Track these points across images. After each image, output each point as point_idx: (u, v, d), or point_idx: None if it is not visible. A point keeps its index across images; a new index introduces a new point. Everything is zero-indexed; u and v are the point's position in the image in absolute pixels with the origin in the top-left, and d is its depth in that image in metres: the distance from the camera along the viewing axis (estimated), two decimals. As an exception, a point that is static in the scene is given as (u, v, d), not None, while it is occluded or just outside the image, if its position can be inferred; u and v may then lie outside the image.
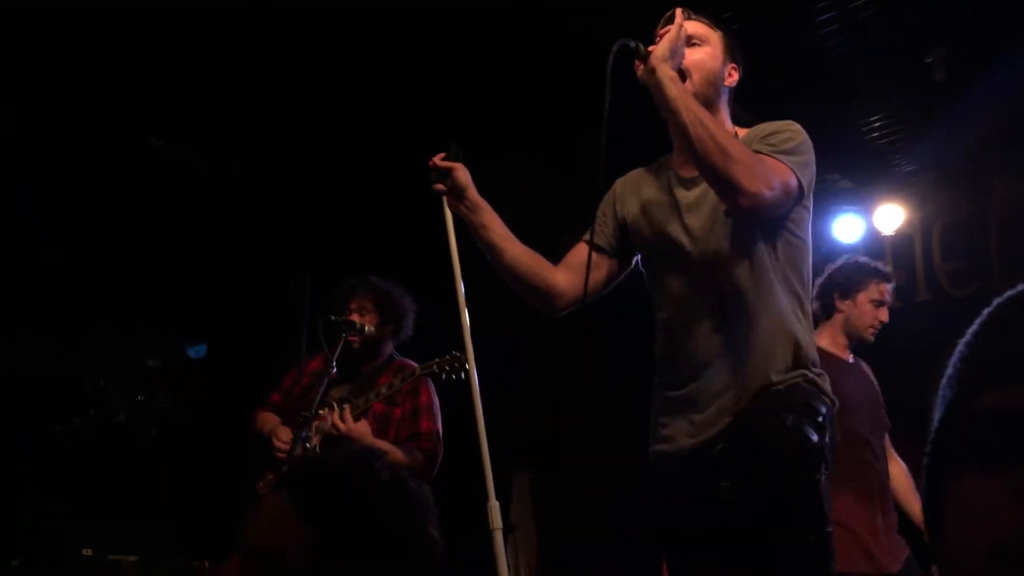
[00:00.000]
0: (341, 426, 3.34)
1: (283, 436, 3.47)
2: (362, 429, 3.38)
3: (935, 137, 5.20)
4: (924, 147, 5.38)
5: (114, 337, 5.09)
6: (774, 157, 2.10)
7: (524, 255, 2.34)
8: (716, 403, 2.13)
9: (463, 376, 3.37)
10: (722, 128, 2.09)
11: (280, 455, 3.42)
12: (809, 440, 2.02)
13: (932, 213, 5.70)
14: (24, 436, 4.75)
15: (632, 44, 2.12)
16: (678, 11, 2.22)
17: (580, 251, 2.37)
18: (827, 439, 2.06)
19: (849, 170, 5.73)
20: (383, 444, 3.42)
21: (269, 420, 3.59)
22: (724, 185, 2.03)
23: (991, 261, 5.52)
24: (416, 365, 3.49)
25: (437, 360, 3.42)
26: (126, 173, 4.89)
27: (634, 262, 2.43)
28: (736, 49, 2.33)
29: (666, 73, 2.08)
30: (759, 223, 2.13)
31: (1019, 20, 4.12)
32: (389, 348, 3.62)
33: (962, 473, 0.55)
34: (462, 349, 2.57)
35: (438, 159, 2.33)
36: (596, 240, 2.35)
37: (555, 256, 2.40)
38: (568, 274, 2.34)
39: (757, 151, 2.11)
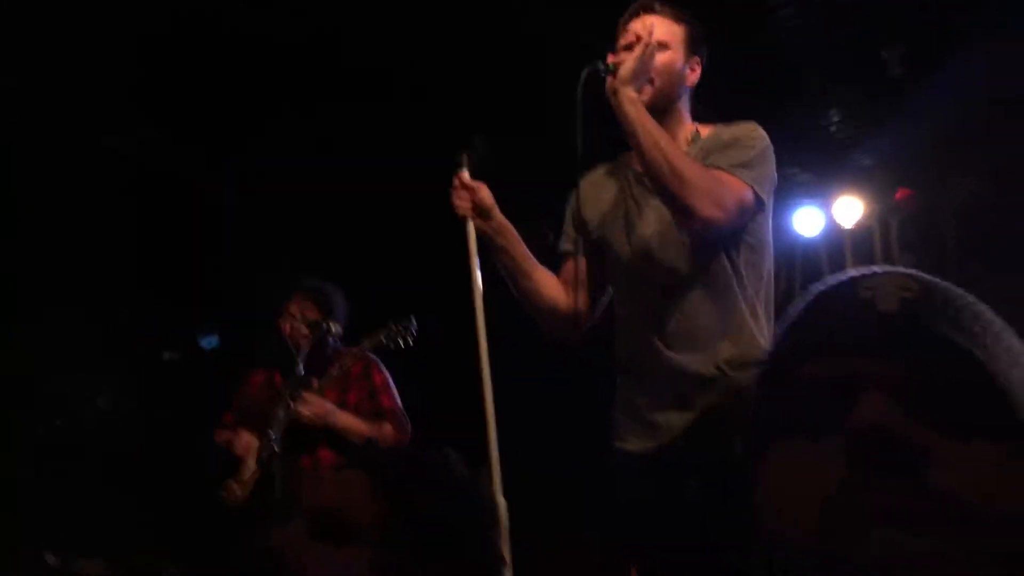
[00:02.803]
0: (304, 409, 3.29)
1: (243, 439, 3.44)
2: (325, 406, 3.34)
3: (892, 132, 5.29)
4: (881, 141, 5.47)
5: (74, 337, 5.02)
6: (732, 173, 2.13)
7: (545, 280, 2.35)
8: (675, 400, 2.16)
9: (411, 343, 3.35)
10: (678, 151, 2.11)
11: (242, 457, 3.39)
12: None
13: (890, 206, 5.79)
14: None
15: (601, 67, 2.17)
16: (639, 23, 2.24)
17: (571, 265, 2.39)
18: None
19: (808, 163, 5.80)
20: (350, 419, 3.39)
21: (224, 434, 3.56)
22: (678, 209, 2.09)
23: (947, 254, 5.62)
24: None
25: (383, 330, 3.38)
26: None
27: None
28: (700, 40, 2.35)
29: (627, 96, 2.11)
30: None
31: (973, 16, 4.20)
32: (330, 343, 3.56)
33: (789, 439, 0.59)
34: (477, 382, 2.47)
35: (463, 176, 2.31)
36: (572, 248, 2.37)
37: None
38: (571, 292, 2.35)
39: (716, 165, 2.14)
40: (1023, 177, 5.13)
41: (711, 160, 2.17)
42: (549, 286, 2.35)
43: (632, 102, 2.11)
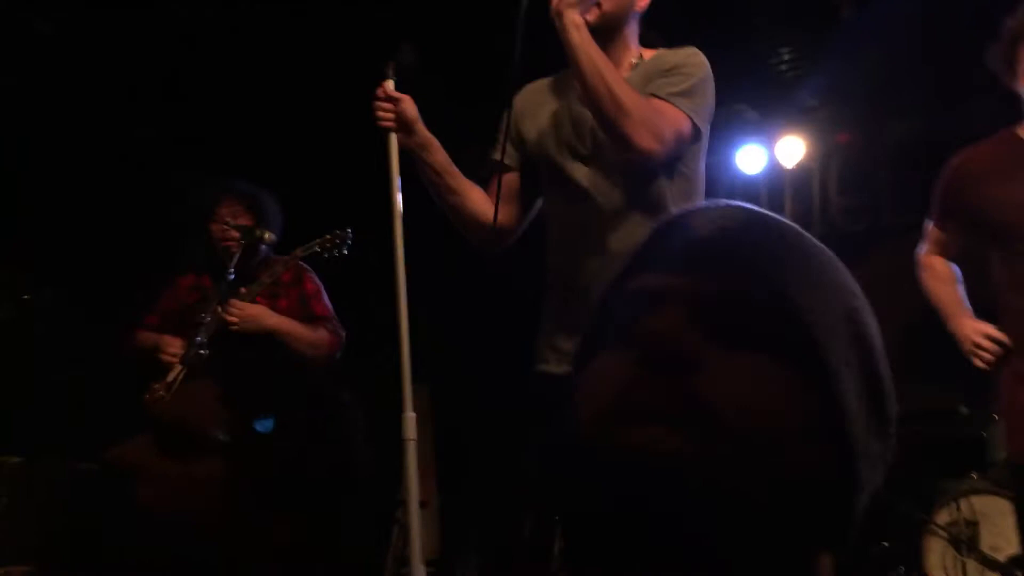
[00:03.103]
0: (232, 316, 3.25)
1: (171, 344, 3.38)
2: (258, 310, 3.31)
3: (837, 73, 5.32)
4: (826, 82, 5.50)
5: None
6: (671, 102, 2.13)
7: (471, 194, 2.32)
8: None
9: (345, 252, 3.33)
10: (620, 79, 2.09)
11: (171, 361, 3.35)
12: None
13: (831, 149, 5.85)
14: None
15: None
16: None
17: (507, 180, 2.36)
18: None
19: (755, 100, 5.82)
20: (283, 320, 3.35)
21: (149, 337, 3.49)
22: (616, 138, 2.09)
23: (884, 199, 5.72)
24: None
25: (318, 240, 3.34)
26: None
27: None
28: None
29: (571, 19, 2.08)
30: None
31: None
32: (262, 250, 3.48)
33: (608, 345, 0.64)
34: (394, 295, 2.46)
35: (387, 87, 2.26)
36: (507, 161, 2.35)
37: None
38: (501, 207, 2.33)
39: (654, 94, 2.13)
40: (957, 121, 5.23)
41: (651, 87, 2.16)
42: (476, 200, 2.34)
43: (577, 27, 2.08)
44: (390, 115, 2.29)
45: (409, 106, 2.29)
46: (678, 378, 0.58)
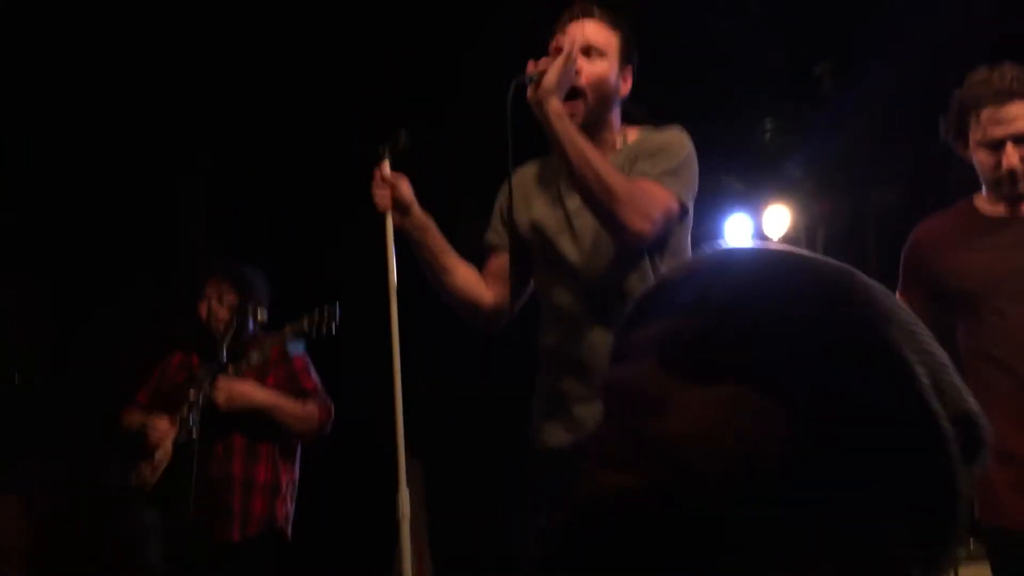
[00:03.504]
0: (219, 396, 3.21)
1: (159, 424, 3.36)
2: (246, 387, 3.28)
3: (820, 145, 5.43)
4: (810, 153, 5.61)
5: None
6: (658, 181, 2.16)
7: (465, 274, 2.34)
8: (594, 402, 2.18)
9: (334, 331, 3.32)
10: (606, 165, 2.12)
11: (158, 441, 3.32)
12: None
13: (816, 218, 5.94)
14: None
15: (528, 79, 2.13)
16: (569, 30, 2.24)
17: (499, 261, 2.39)
18: None
19: (741, 171, 5.92)
20: (272, 395, 3.33)
21: (137, 416, 3.46)
22: (608, 222, 2.11)
23: (870, 266, 5.78)
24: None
25: (306, 317, 3.32)
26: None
27: None
28: (632, 48, 2.34)
29: (552, 108, 2.09)
30: None
31: (895, 36, 4.33)
32: (250, 327, 3.46)
33: None
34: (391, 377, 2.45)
35: (384, 170, 2.30)
36: (500, 243, 2.38)
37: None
38: (494, 286, 2.35)
39: (642, 173, 2.17)
40: (939, 188, 5.31)
41: (637, 168, 2.20)
42: (469, 280, 2.35)
43: (558, 116, 2.09)
44: (387, 196, 2.32)
45: (405, 187, 2.31)
46: (642, 423, 0.58)
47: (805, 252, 0.68)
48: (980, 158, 2.43)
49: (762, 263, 0.66)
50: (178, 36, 4.21)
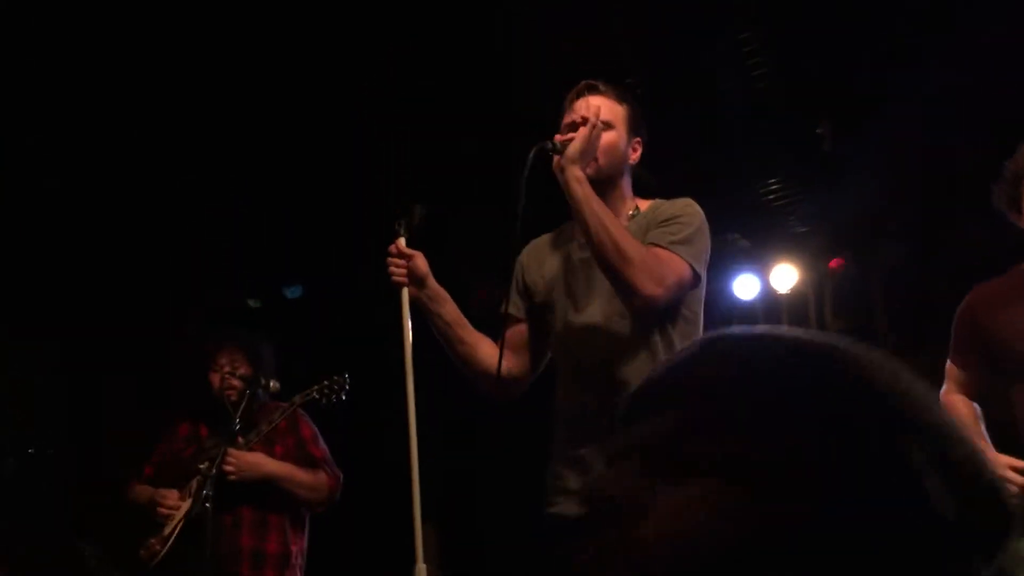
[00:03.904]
0: (229, 467, 3.19)
1: (168, 498, 3.34)
2: (256, 458, 3.27)
3: (824, 201, 5.47)
4: (815, 210, 5.64)
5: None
6: (671, 250, 2.20)
7: (479, 344, 2.36)
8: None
9: (343, 398, 3.33)
10: (622, 230, 2.17)
11: (168, 515, 3.30)
12: None
13: (824, 273, 5.95)
14: None
15: (549, 145, 2.22)
16: (587, 103, 2.29)
17: (516, 331, 2.41)
18: None
19: (747, 230, 5.95)
20: (282, 466, 3.32)
21: (145, 490, 3.44)
22: (621, 286, 2.15)
23: (877, 321, 5.79)
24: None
25: (316, 386, 3.34)
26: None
27: None
28: (640, 121, 2.41)
29: (574, 175, 2.18)
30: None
31: (902, 94, 4.39)
32: (260, 398, 3.47)
33: None
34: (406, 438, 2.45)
35: (399, 245, 2.33)
36: (517, 313, 2.41)
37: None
38: (510, 356, 2.36)
39: (654, 243, 2.21)
40: (946, 243, 5.33)
41: (651, 237, 2.24)
42: (485, 350, 2.37)
43: (579, 181, 2.17)
44: (402, 271, 2.34)
45: (420, 262, 2.34)
46: (622, 531, 0.58)
47: (792, 332, 0.66)
48: None
49: (742, 351, 0.65)
50: (183, 96, 4.28)
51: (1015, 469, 2.46)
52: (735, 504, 0.55)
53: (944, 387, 2.80)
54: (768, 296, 6.03)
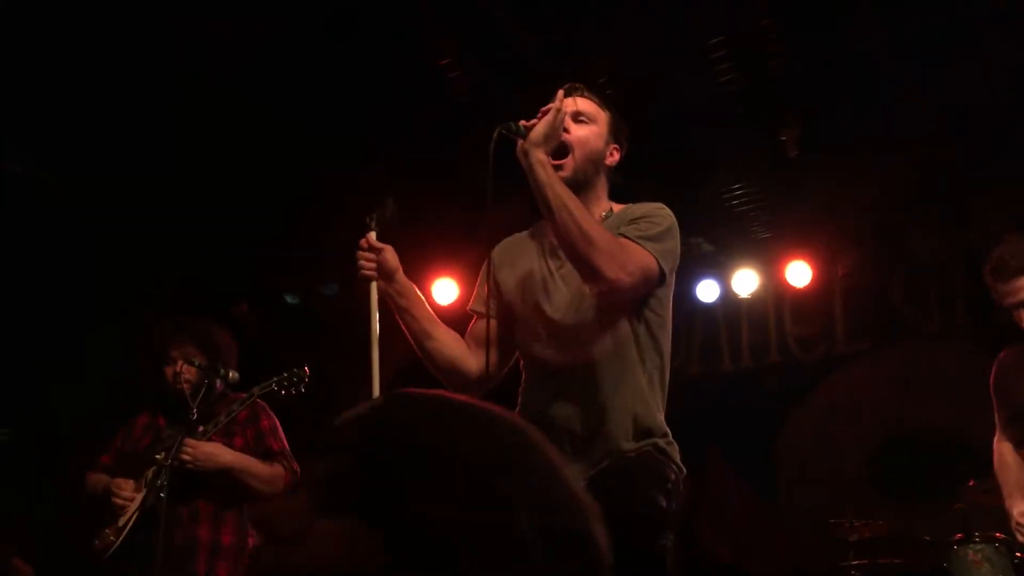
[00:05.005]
0: (187, 456, 3.17)
1: (124, 488, 3.31)
2: (213, 448, 3.25)
3: (787, 208, 5.54)
4: (777, 217, 5.72)
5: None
6: (638, 243, 2.19)
7: (446, 339, 2.36)
8: (575, 462, 2.19)
9: (303, 390, 3.32)
10: (586, 213, 2.16)
11: (123, 504, 3.27)
12: (657, 505, 2.10)
13: (784, 280, 6.03)
14: None
15: (513, 127, 2.19)
16: (559, 92, 2.27)
17: (480, 326, 2.40)
18: (674, 505, 2.13)
19: (711, 234, 6.01)
20: (239, 457, 3.30)
21: (101, 479, 3.40)
22: (585, 269, 2.14)
23: (835, 328, 5.87)
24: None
25: (275, 378, 3.32)
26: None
27: None
28: (621, 130, 2.42)
29: (536, 158, 2.15)
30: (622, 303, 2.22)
31: (863, 100, 4.47)
32: (218, 387, 3.44)
33: None
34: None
35: (370, 239, 2.33)
36: (485, 310, 2.38)
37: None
38: (478, 352, 2.36)
39: (623, 235, 2.20)
40: (901, 253, 5.43)
41: (620, 232, 2.24)
42: (452, 346, 2.37)
43: (542, 164, 2.15)
44: (372, 264, 2.33)
45: (390, 256, 2.34)
46: (283, 552, 0.67)
47: (463, 401, 0.78)
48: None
49: (414, 412, 0.76)
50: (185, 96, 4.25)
51: None
52: (373, 545, 0.66)
53: (996, 434, 3.23)
54: (728, 300, 6.10)
